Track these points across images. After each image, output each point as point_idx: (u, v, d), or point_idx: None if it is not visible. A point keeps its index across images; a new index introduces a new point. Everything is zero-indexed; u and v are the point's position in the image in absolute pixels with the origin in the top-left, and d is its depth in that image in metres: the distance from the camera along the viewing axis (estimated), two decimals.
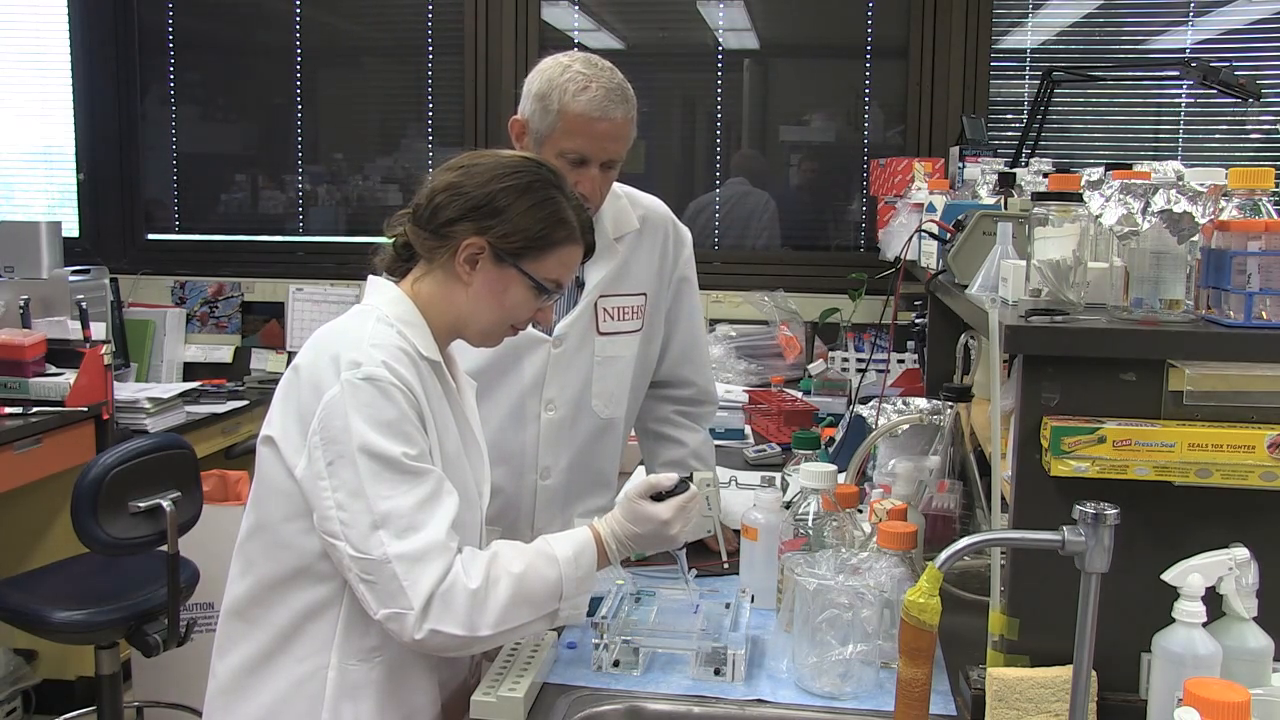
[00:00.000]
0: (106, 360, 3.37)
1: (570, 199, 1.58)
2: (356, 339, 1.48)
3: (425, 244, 1.56)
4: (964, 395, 2.12)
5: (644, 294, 2.13)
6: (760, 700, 1.52)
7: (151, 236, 4.56)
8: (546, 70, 1.96)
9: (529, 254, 1.54)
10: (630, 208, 2.13)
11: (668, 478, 1.61)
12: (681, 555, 1.71)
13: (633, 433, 2.30)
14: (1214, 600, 1.24)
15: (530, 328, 2.03)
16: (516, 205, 1.52)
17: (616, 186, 2.14)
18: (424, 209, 1.56)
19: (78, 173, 4.52)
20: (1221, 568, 1.23)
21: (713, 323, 3.91)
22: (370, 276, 1.62)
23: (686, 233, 2.23)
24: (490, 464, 1.81)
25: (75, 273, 3.88)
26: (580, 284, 2.09)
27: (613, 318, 2.09)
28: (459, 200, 1.53)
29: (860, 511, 1.95)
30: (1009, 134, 3.93)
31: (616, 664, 1.58)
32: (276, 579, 1.50)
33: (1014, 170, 2.38)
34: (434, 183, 1.57)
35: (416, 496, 1.42)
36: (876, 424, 2.25)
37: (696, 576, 1.86)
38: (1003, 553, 1.42)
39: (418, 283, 1.58)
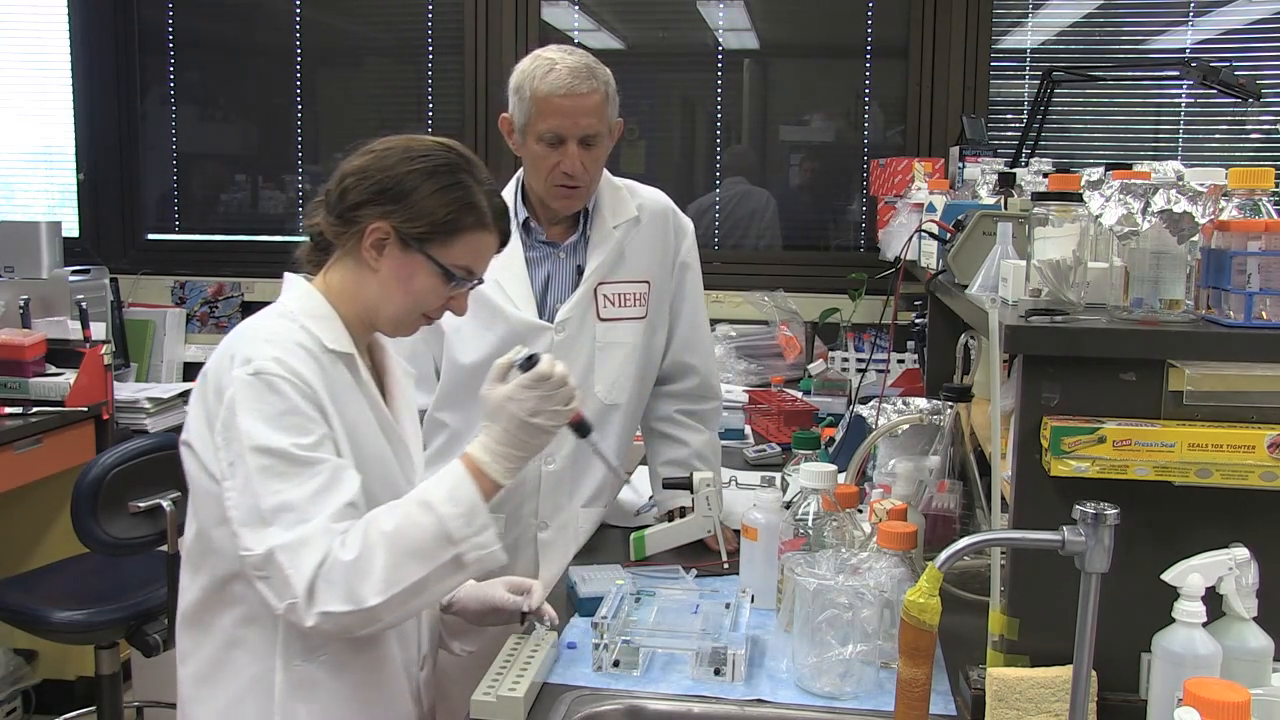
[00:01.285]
0: (106, 360, 3.38)
1: (484, 184, 1.54)
2: (253, 337, 1.47)
3: (334, 230, 1.54)
4: (964, 395, 2.12)
5: (646, 281, 2.16)
6: (760, 700, 1.51)
7: (151, 236, 4.56)
8: (521, 64, 2.06)
9: (435, 239, 1.50)
10: (629, 197, 2.19)
11: (515, 351, 1.51)
12: (595, 443, 1.63)
13: (638, 432, 2.31)
14: (1214, 600, 1.24)
15: (533, 317, 2.07)
16: (422, 189, 1.49)
17: (616, 179, 2.19)
18: (333, 194, 1.53)
19: (78, 173, 4.52)
20: (1221, 568, 1.23)
21: (713, 323, 3.89)
22: (286, 274, 1.59)
23: (688, 222, 2.27)
24: None
25: (75, 273, 3.88)
26: (580, 270, 2.12)
27: (614, 304, 2.13)
28: (365, 183, 1.50)
29: (860, 511, 1.95)
30: (1009, 134, 3.93)
31: (616, 664, 1.58)
32: (218, 583, 1.49)
33: (1014, 170, 2.38)
34: (343, 167, 1.54)
35: (310, 488, 1.39)
36: (876, 424, 2.25)
37: (696, 576, 1.86)
38: (1003, 553, 1.42)
39: (329, 273, 1.56)
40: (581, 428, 1.59)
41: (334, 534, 1.38)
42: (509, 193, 2.18)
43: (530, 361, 1.50)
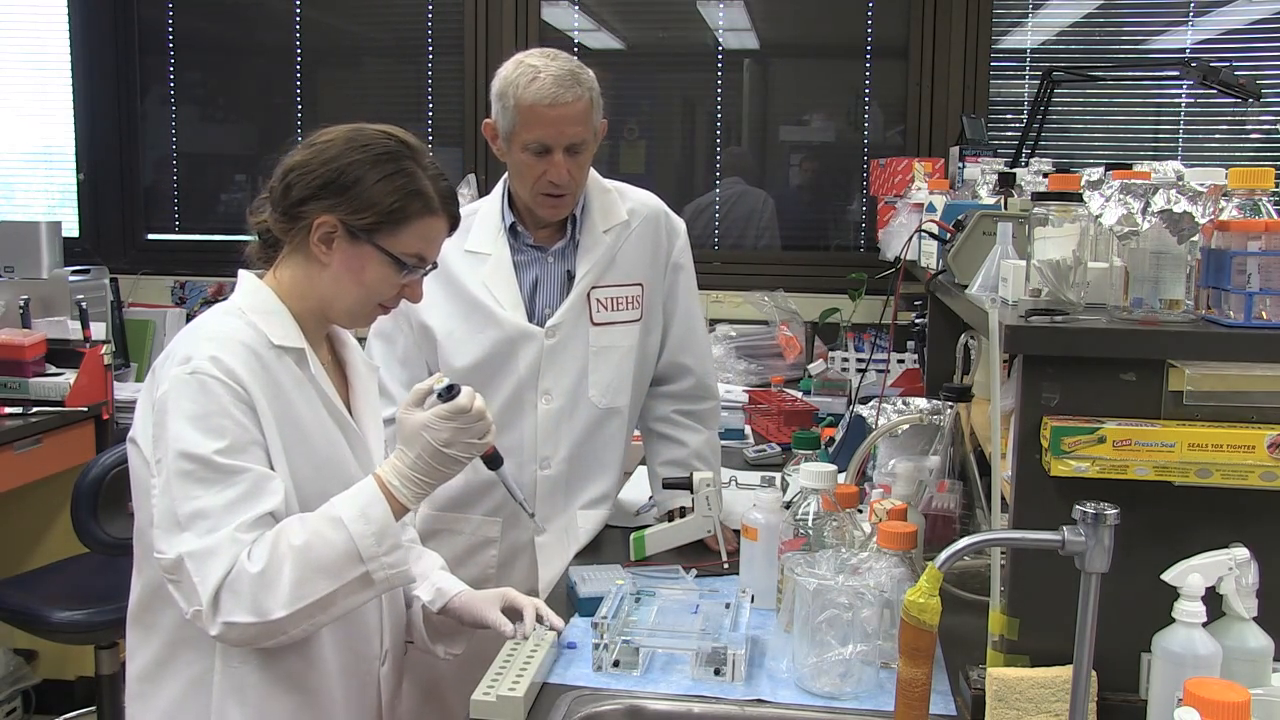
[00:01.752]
0: (106, 360, 3.38)
1: (428, 170, 1.52)
2: (198, 334, 1.47)
3: (280, 226, 1.53)
4: (964, 395, 2.12)
5: (640, 284, 2.16)
6: (760, 700, 1.51)
7: (151, 236, 4.56)
8: (504, 70, 2.04)
9: (383, 229, 1.49)
10: (619, 200, 2.18)
11: (435, 379, 1.51)
12: (505, 476, 1.62)
13: (638, 432, 2.32)
14: (1214, 600, 1.24)
15: (523, 321, 2.08)
16: (366, 179, 1.48)
17: (606, 181, 2.19)
18: (277, 190, 1.52)
19: (78, 173, 4.52)
20: (1221, 568, 1.23)
21: (713, 323, 3.90)
22: (240, 271, 1.59)
23: (680, 223, 2.26)
24: None
25: (75, 273, 3.88)
26: (570, 276, 2.12)
27: (606, 308, 2.12)
28: (308, 178, 1.49)
29: (860, 511, 1.95)
30: (1009, 134, 3.93)
31: (616, 664, 1.58)
32: (159, 581, 1.48)
33: (1014, 170, 2.38)
34: (286, 162, 1.53)
35: (227, 497, 1.39)
36: (876, 424, 2.25)
37: (696, 576, 1.86)
38: (1003, 553, 1.42)
39: (280, 269, 1.56)
40: (494, 461, 1.59)
41: (242, 545, 1.38)
42: (495, 197, 2.17)
43: (450, 392, 1.49)
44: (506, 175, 2.15)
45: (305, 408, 1.52)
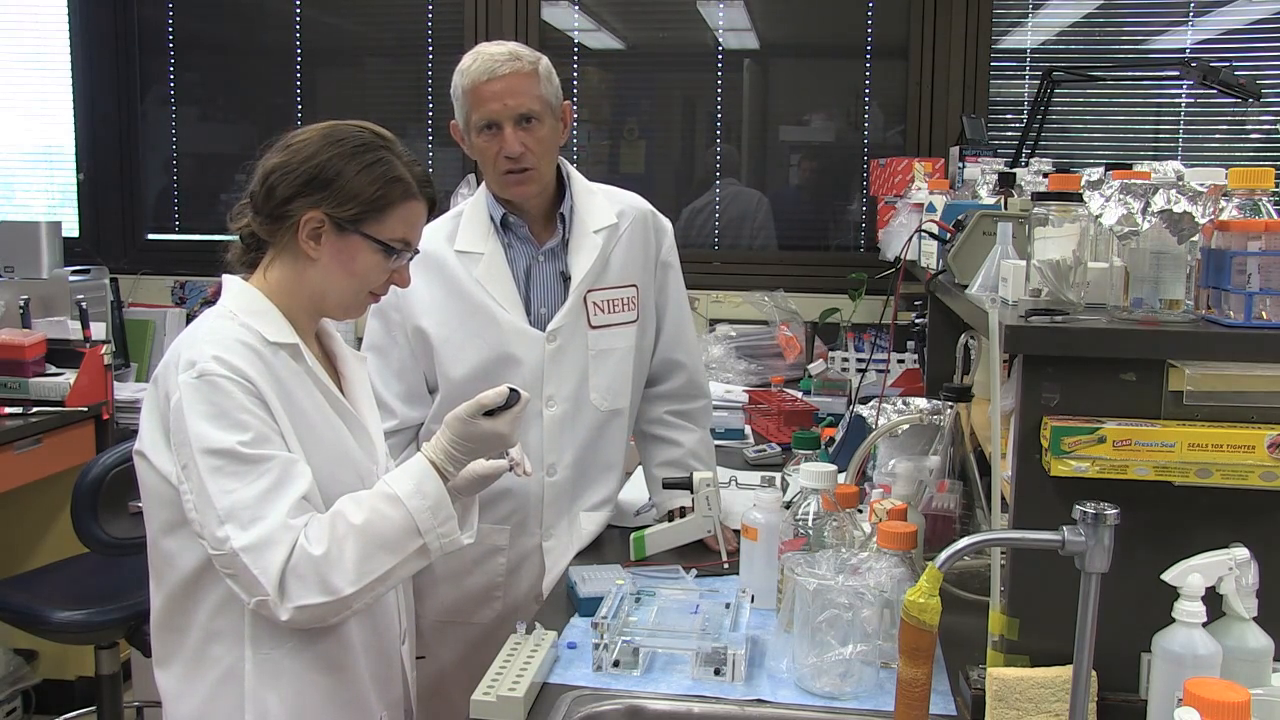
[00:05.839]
0: (106, 360, 3.38)
1: (402, 156, 1.57)
2: (194, 340, 1.50)
3: (266, 228, 1.57)
4: (964, 395, 2.12)
5: (634, 285, 2.16)
6: (760, 700, 1.52)
7: (151, 236, 4.56)
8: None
9: (369, 218, 1.54)
10: (607, 203, 2.18)
11: (497, 393, 1.57)
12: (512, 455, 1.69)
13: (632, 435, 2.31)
14: (1214, 600, 1.24)
15: (523, 323, 2.07)
16: (346, 171, 1.52)
17: (592, 184, 2.19)
18: (259, 194, 1.56)
19: (78, 173, 4.52)
20: (1221, 568, 1.23)
21: (712, 323, 3.91)
22: (224, 275, 1.63)
23: (666, 222, 2.27)
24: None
25: (75, 273, 3.88)
26: (566, 278, 2.11)
27: (603, 311, 2.12)
28: (289, 177, 1.53)
29: (860, 511, 1.95)
30: (1009, 134, 3.93)
31: (616, 664, 1.58)
32: (183, 583, 1.53)
33: (1014, 170, 2.38)
34: (265, 166, 1.57)
35: (259, 487, 1.43)
36: (876, 424, 2.25)
37: (696, 576, 1.86)
38: (1003, 553, 1.42)
39: (269, 270, 1.60)
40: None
41: (295, 530, 1.43)
42: (478, 197, 2.16)
43: (511, 397, 1.58)
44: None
45: (307, 399, 1.56)
